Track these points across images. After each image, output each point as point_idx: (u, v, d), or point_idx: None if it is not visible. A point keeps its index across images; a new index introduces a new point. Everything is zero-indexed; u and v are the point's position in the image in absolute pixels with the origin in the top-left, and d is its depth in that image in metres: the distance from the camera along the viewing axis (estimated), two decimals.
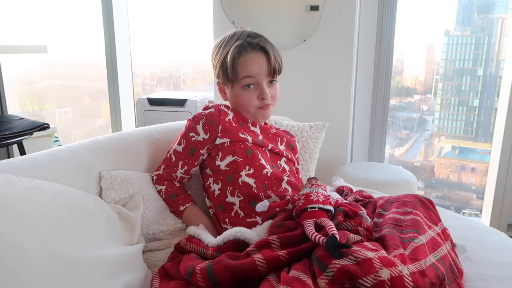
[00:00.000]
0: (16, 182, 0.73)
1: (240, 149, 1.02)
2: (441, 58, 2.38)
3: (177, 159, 1.06)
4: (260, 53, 1.02)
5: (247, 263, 0.70)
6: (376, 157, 2.33)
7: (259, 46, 1.02)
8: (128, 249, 0.84)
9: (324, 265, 0.65)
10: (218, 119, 1.03)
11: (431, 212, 0.88)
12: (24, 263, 0.60)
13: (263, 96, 1.03)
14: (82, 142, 1.05)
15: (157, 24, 3.02)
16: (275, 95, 1.08)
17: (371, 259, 0.63)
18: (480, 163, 2.37)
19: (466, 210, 2.41)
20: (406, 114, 2.57)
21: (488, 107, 2.28)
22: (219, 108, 1.06)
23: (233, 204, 0.98)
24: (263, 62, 1.02)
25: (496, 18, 2.20)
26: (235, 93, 1.05)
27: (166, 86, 3.30)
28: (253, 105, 1.05)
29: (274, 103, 1.09)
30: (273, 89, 1.07)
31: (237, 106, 1.08)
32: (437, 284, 0.66)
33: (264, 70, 1.02)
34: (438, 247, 0.77)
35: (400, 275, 0.62)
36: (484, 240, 0.98)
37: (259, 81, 1.03)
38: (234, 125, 1.05)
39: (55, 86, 3.24)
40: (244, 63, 1.01)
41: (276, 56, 1.04)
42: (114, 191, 0.99)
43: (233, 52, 1.01)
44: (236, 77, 1.02)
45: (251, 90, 1.03)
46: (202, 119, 1.03)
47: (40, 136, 2.18)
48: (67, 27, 2.94)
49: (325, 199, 0.83)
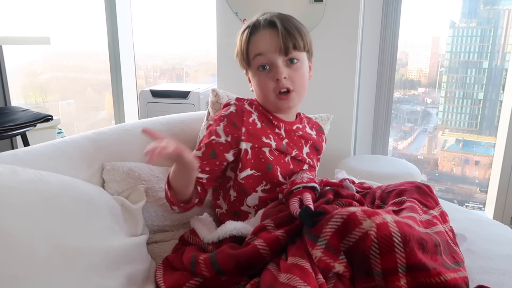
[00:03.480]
0: (20, 173, 0.73)
1: (259, 161, 0.93)
2: (446, 50, 2.36)
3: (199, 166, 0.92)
4: (267, 29, 0.93)
5: (250, 249, 0.71)
6: (379, 150, 2.32)
7: (267, 22, 0.94)
8: (132, 240, 0.84)
9: (315, 235, 0.65)
10: (240, 120, 0.93)
11: (428, 197, 0.86)
12: (29, 254, 0.61)
13: (277, 76, 0.91)
14: (86, 134, 1.06)
15: (160, 15, 3.00)
16: (297, 78, 0.94)
17: (355, 212, 0.63)
18: (484, 156, 2.36)
19: (469, 204, 2.41)
20: (410, 107, 2.55)
21: (493, 100, 2.26)
22: (242, 108, 0.96)
23: (248, 213, 0.95)
24: (271, 37, 0.92)
25: (502, 10, 2.17)
26: (253, 78, 0.97)
27: (169, 78, 3.29)
28: (270, 89, 0.93)
29: (297, 89, 0.95)
30: (293, 70, 0.93)
31: (259, 96, 0.99)
32: (430, 243, 0.64)
33: (274, 46, 0.91)
34: (433, 225, 0.76)
35: (384, 221, 0.61)
36: (487, 233, 0.98)
37: (272, 59, 0.92)
38: (258, 127, 0.95)
39: (58, 78, 3.24)
40: (254, 42, 0.94)
41: (289, 28, 0.92)
42: (116, 183, 0.99)
43: (243, 33, 0.97)
44: (248, 57, 0.95)
45: (266, 71, 0.93)
46: (223, 120, 0.93)
47: (43, 127, 2.18)
48: (70, 19, 2.93)
49: (309, 180, 0.86)
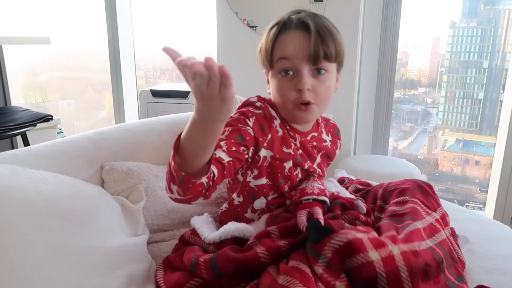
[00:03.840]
0: (20, 173, 0.73)
1: (276, 174, 0.87)
2: (446, 50, 2.36)
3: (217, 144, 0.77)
4: (298, 31, 0.81)
5: (250, 255, 0.71)
6: (379, 149, 2.32)
7: (300, 23, 0.81)
8: (132, 240, 0.84)
9: (317, 252, 0.66)
10: (268, 125, 0.85)
11: (430, 197, 0.86)
12: (29, 254, 0.61)
13: (299, 86, 0.81)
14: (86, 134, 1.05)
15: (160, 15, 3.00)
16: (321, 91, 0.83)
17: (361, 239, 0.63)
18: (484, 156, 2.36)
19: (469, 204, 2.41)
20: (410, 106, 2.55)
21: (493, 100, 2.26)
22: (269, 112, 0.87)
23: (251, 220, 0.92)
24: (302, 41, 0.80)
25: (502, 10, 2.17)
26: (272, 81, 0.86)
27: (169, 78, 3.29)
28: (290, 99, 0.83)
29: (319, 103, 0.84)
30: (318, 81, 0.82)
31: (276, 101, 0.88)
32: (433, 266, 0.65)
33: (303, 52, 0.79)
34: (436, 233, 0.76)
35: (391, 255, 0.62)
36: (487, 233, 0.98)
37: (297, 66, 0.80)
38: (280, 134, 0.87)
39: (58, 78, 3.24)
40: (281, 42, 0.82)
41: (323, 35, 0.80)
42: (115, 183, 0.99)
43: (271, 30, 0.84)
44: (272, 59, 0.83)
45: (288, 78, 0.82)
46: (253, 117, 0.84)
47: (43, 127, 2.18)
48: (70, 18, 2.93)
49: (320, 191, 0.83)
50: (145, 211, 0.99)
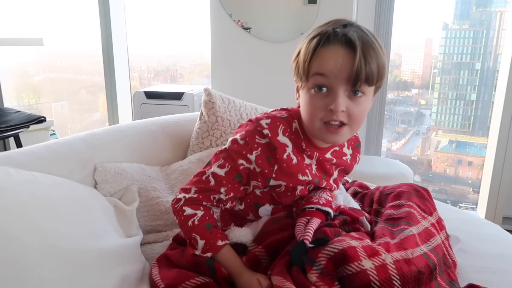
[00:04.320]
0: (13, 175, 0.73)
1: (285, 196, 0.84)
2: (439, 52, 2.38)
3: (217, 183, 0.79)
4: (342, 48, 0.72)
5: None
6: (373, 151, 2.34)
7: (345, 39, 0.72)
8: (125, 241, 0.84)
9: (312, 260, 0.66)
10: (274, 156, 0.79)
11: (426, 201, 0.88)
12: (22, 255, 0.60)
13: (331, 107, 0.72)
14: (79, 135, 1.05)
15: (154, 17, 3.00)
16: (356, 114, 0.74)
17: (355, 247, 0.65)
18: (477, 157, 2.38)
19: (462, 204, 2.43)
20: (403, 108, 2.57)
21: (486, 101, 2.28)
22: (276, 140, 0.79)
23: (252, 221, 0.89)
24: (344, 60, 0.71)
25: (494, 12, 2.20)
26: (303, 95, 0.78)
27: (163, 80, 3.29)
28: (317, 116, 0.75)
29: (352, 125, 0.76)
30: (355, 104, 0.74)
31: (303, 116, 0.80)
32: (426, 273, 0.67)
33: (343, 72, 0.71)
34: (432, 237, 0.77)
35: (384, 263, 0.64)
36: (478, 232, 0.99)
37: (334, 85, 0.72)
38: (294, 162, 0.81)
39: (51, 79, 3.22)
40: (320, 57, 0.73)
41: (369, 57, 0.71)
42: (108, 184, 0.99)
43: (311, 40, 0.75)
44: (308, 72, 0.75)
45: (321, 95, 0.74)
46: (257, 150, 0.79)
47: (36, 129, 2.17)
48: (63, 20, 2.91)
49: (326, 202, 0.82)
50: (138, 212, 0.99)
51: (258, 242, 0.78)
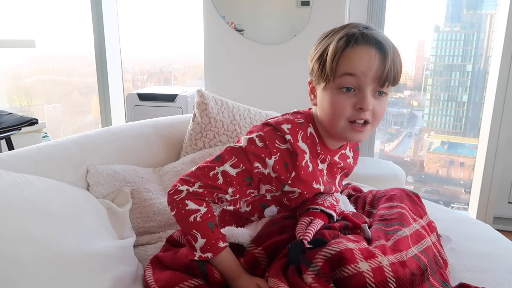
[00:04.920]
0: (4, 177, 0.72)
1: (296, 201, 0.85)
2: (431, 54, 2.40)
3: (226, 182, 0.77)
4: (373, 49, 0.74)
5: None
6: (366, 152, 2.35)
7: (375, 40, 0.75)
8: (118, 243, 0.84)
9: (309, 260, 0.67)
10: (294, 162, 0.79)
11: (417, 206, 0.90)
12: (14, 258, 0.60)
13: (362, 105, 0.75)
14: (72, 137, 1.05)
15: (147, 18, 2.99)
16: (380, 113, 0.78)
17: (352, 249, 0.65)
18: (468, 157, 2.41)
19: (454, 204, 2.45)
20: (396, 109, 2.59)
21: (477, 102, 2.31)
22: (296, 147, 0.79)
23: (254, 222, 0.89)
24: (376, 61, 0.74)
25: (485, 14, 2.23)
26: (327, 95, 0.78)
27: (157, 81, 3.28)
28: (344, 116, 0.76)
29: (374, 123, 0.79)
30: (379, 103, 0.78)
31: (323, 115, 0.80)
32: (418, 274, 0.68)
33: (374, 72, 0.74)
34: (422, 239, 0.79)
35: (380, 266, 0.64)
36: (469, 232, 1.00)
37: (363, 84, 0.75)
38: (310, 170, 0.81)
39: (43, 81, 3.20)
40: (349, 57, 0.75)
41: (396, 59, 0.76)
42: (101, 186, 0.99)
43: (339, 41, 0.76)
44: (335, 72, 0.75)
45: (349, 94, 0.76)
46: (276, 155, 0.78)
47: (28, 131, 2.15)
48: (56, 21, 2.90)
49: (330, 205, 0.83)
50: (131, 213, 0.99)
51: (257, 244, 0.78)
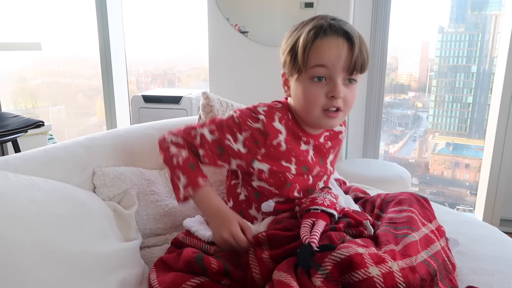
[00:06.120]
0: (12, 179, 0.73)
1: (279, 180, 0.88)
2: (435, 55, 2.39)
3: (201, 144, 0.87)
4: (341, 39, 0.79)
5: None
6: (370, 153, 2.34)
7: (342, 31, 0.80)
8: (124, 245, 0.84)
9: (317, 264, 0.66)
10: (263, 141, 0.85)
11: (426, 210, 0.89)
12: (21, 259, 0.60)
13: (333, 94, 0.80)
14: (78, 139, 1.05)
15: (152, 21, 3.00)
16: (350, 99, 0.84)
17: (362, 254, 0.65)
18: (474, 159, 2.40)
19: (460, 206, 2.44)
20: (400, 111, 2.58)
21: (482, 103, 2.30)
22: (270, 126, 0.85)
23: (254, 218, 0.91)
24: (344, 50, 0.79)
25: (489, 15, 2.22)
26: (300, 85, 0.84)
27: (161, 84, 3.29)
28: (318, 104, 0.82)
29: (346, 110, 0.85)
30: (350, 90, 0.83)
31: (298, 105, 0.86)
32: (428, 280, 0.67)
33: (343, 62, 0.79)
34: (431, 244, 0.78)
35: (390, 271, 0.63)
36: (476, 234, 1.00)
37: (333, 74, 0.80)
38: (282, 149, 0.86)
39: (48, 84, 3.22)
40: (319, 48, 0.79)
41: (363, 48, 0.81)
42: (107, 188, 0.99)
43: (308, 33, 0.80)
44: (306, 64, 0.80)
45: (321, 84, 0.81)
46: (247, 131, 0.85)
47: (34, 134, 2.16)
48: (60, 24, 2.92)
49: (330, 204, 0.83)
50: (137, 215, 0.99)
51: None
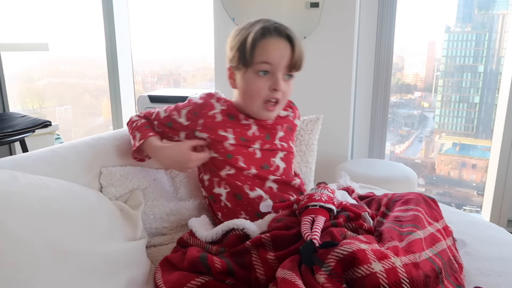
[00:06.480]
0: (20, 179, 0.73)
1: (219, 149, 0.99)
2: (441, 55, 2.38)
3: (155, 118, 1.06)
4: (285, 41, 0.95)
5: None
6: (376, 154, 2.33)
7: (285, 34, 0.96)
8: (131, 244, 0.84)
9: (321, 260, 0.66)
10: (201, 112, 1.00)
11: (433, 210, 0.89)
12: (29, 258, 0.61)
13: (275, 87, 0.95)
14: (85, 139, 1.06)
15: (158, 21, 3.02)
16: (287, 93, 1.00)
17: (365, 250, 0.65)
18: (480, 159, 2.38)
19: (466, 207, 2.42)
20: (406, 111, 2.57)
21: (489, 103, 2.28)
22: (208, 102, 1.02)
23: (219, 195, 0.98)
24: (286, 51, 0.95)
25: (496, 15, 2.20)
26: (246, 79, 0.97)
27: (167, 84, 3.30)
28: (261, 96, 0.97)
29: (282, 102, 1.01)
30: (287, 85, 0.99)
31: (243, 96, 1.00)
32: (432, 276, 0.67)
33: (285, 60, 0.95)
34: (437, 242, 0.78)
35: (393, 266, 0.63)
36: (483, 235, 0.99)
37: (276, 70, 0.95)
38: (217, 120, 1.00)
39: (55, 84, 3.24)
40: (265, 47, 0.94)
41: (301, 50, 0.97)
42: (114, 188, 1.00)
43: (256, 32, 0.95)
44: (253, 60, 0.94)
45: (265, 78, 0.96)
46: (190, 106, 1.02)
47: (41, 133, 2.18)
48: (67, 24, 2.94)
49: (328, 199, 0.84)
50: (144, 214, 0.99)
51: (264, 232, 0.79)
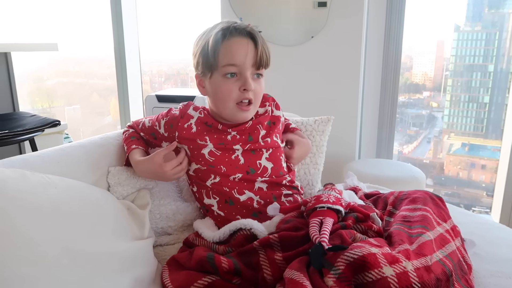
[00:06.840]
0: (29, 177, 0.74)
1: (200, 161, 0.97)
2: (451, 54, 2.35)
3: (141, 129, 1.07)
4: (246, 39, 0.91)
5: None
6: (384, 154, 2.32)
7: (246, 31, 0.92)
8: (138, 244, 0.85)
9: (330, 263, 0.66)
10: (176, 124, 0.99)
11: (441, 209, 0.88)
12: (38, 256, 0.62)
13: (245, 87, 0.91)
14: (93, 138, 1.07)
15: (165, 21, 3.03)
16: (259, 92, 0.96)
17: (375, 254, 0.64)
18: (490, 160, 2.35)
19: (476, 208, 2.39)
20: (415, 110, 2.55)
21: (499, 103, 2.25)
22: (184, 113, 1.00)
23: (211, 206, 0.97)
24: (250, 49, 0.91)
25: (507, 13, 2.17)
26: (214, 83, 0.94)
27: (174, 83, 3.31)
28: (232, 98, 0.92)
29: (256, 102, 0.96)
30: (257, 84, 0.95)
31: (215, 101, 0.97)
32: (443, 280, 0.66)
33: (250, 59, 0.91)
34: (447, 243, 0.77)
35: (405, 271, 0.62)
36: (492, 236, 0.98)
37: (243, 70, 0.91)
38: (193, 131, 0.97)
39: (64, 84, 3.27)
40: (228, 48, 0.90)
41: (264, 46, 0.94)
42: (121, 187, 1.00)
43: (216, 35, 0.90)
44: (217, 63, 0.91)
45: (233, 80, 0.92)
46: (167, 117, 1.02)
47: (51, 133, 2.20)
48: (76, 25, 2.96)
49: (336, 200, 0.83)
50: (150, 214, 1.00)
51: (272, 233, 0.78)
